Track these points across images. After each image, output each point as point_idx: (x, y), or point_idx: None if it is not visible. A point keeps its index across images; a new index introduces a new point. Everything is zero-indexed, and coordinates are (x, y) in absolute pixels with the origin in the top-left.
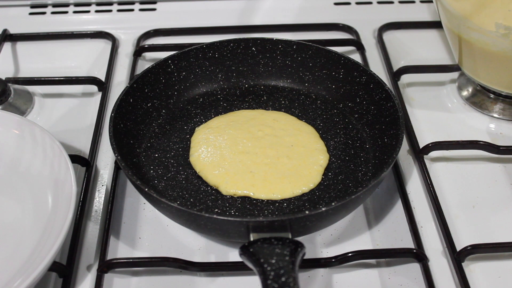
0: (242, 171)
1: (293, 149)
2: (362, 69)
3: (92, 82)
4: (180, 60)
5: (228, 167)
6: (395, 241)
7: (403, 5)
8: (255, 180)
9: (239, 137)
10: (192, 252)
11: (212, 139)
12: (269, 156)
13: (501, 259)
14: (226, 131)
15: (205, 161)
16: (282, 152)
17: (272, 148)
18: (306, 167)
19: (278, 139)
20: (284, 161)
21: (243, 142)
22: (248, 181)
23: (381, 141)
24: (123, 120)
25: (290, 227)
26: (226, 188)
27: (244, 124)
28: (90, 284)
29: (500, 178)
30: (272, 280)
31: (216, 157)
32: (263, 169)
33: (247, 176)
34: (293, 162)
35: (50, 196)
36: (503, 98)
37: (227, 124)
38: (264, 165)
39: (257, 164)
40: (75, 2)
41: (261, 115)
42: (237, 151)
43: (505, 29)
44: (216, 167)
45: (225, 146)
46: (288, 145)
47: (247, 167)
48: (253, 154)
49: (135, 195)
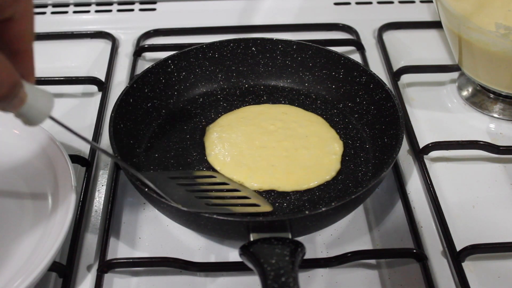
0: (263, 165)
1: (308, 140)
2: (362, 69)
3: (92, 82)
4: (180, 60)
5: (249, 163)
6: (395, 241)
7: (403, 5)
8: (278, 174)
9: (253, 133)
10: (192, 252)
11: (226, 136)
12: (287, 149)
13: (501, 259)
14: (239, 127)
15: (225, 158)
16: (298, 143)
17: (288, 141)
18: (325, 156)
19: (292, 131)
20: (303, 152)
21: (258, 137)
22: (272, 175)
23: (381, 141)
24: (123, 120)
25: (290, 227)
26: (251, 182)
27: (254, 119)
28: (90, 284)
29: (500, 178)
30: (272, 280)
31: (235, 153)
32: (284, 162)
33: (269, 170)
34: (311, 152)
35: (50, 196)
36: (503, 98)
37: (237, 121)
38: (284, 157)
39: (276, 157)
40: (75, 2)
41: (268, 109)
42: (255, 146)
43: (505, 29)
44: (237, 163)
45: (241, 142)
46: (302, 136)
47: (268, 161)
48: (270, 148)
49: (135, 195)
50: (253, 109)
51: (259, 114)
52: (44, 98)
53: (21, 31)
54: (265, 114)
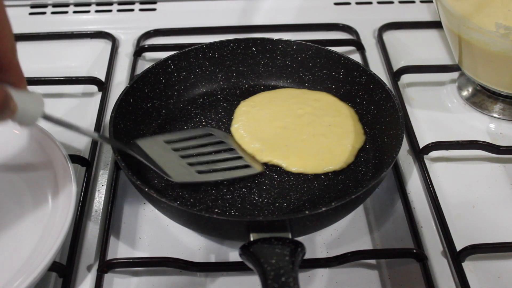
0: (278, 143)
1: (330, 129)
2: (362, 69)
3: (92, 82)
4: (180, 60)
5: (265, 139)
6: (395, 241)
7: (403, 5)
8: (289, 154)
9: (280, 113)
10: (192, 252)
11: (254, 112)
12: (305, 133)
13: (501, 259)
14: (269, 106)
15: (245, 131)
16: (319, 130)
17: (310, 126)
18: (340, 147)
19: (317, 118)
20: (320, 139)
21: (282, 118)
22: (283, 153)
23: (381, 141)
24: (123, 120)
25: (290, 227)
26: (261, 156)
27: (286, 101)
28: (90, 284)
29: (500, 178)
30: (272, 280)
31: (256, 128)
32: (299, 145)
33: (282, 149)
34: (328, 141)
35: (50, 196)
36: (503, 98)
37: (270, 99)
38: (300, 141)
39: (293, 139)
40: (75, 2)
41: (303, 94)
42: (276, 125)
43: (505, 29)
44: (255, 137)
45: (265, 119)
46: (326, 125)
47: (283, 140)
48: (291, 129)
49: (135, 195)
50: (289, 91)
51: (293, 97)
52: (34, 101)
53: (3, 48)
54: (299, 97)
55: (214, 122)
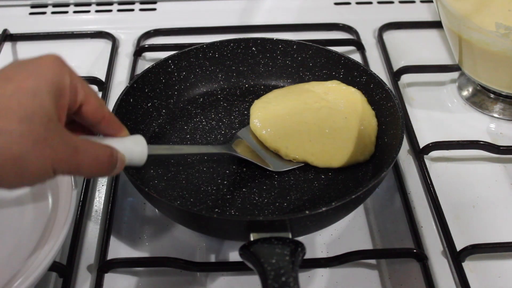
0: (301, 139)
1: (347, 122)
2: (362, 69)
3: (92, 82)
4: (180, 60)
5: (288, 134)
6: (395, 241)
7: (403, 5)
8: (314, 149)
9: (298, 108)
10: (192, 252)
11: (271, 108)
12: (327, 127)
13: (501, 259)
14: (285, 101)
15: (266, 127)
16: (338, 124)
17: (329, 120)
18: (361, 139)
19: (333, 111)
20: (341, 133)
21: (301, 112)
22: (308, 149)
23: (381, 141)
24: (123, 120)
25: (290, 227)
26: (286, 152)
27: (300, 95)
28: (90, 284)
29: (500, 178)
30: (272, 280)
31: (277, 124)
32: (322, 140)
33: (307, 144)
34: (349, 134)
35: (50, 196)
36: (503, 98)
37: (284, 95)
38: (323, 135)
39: (315, 133)
40: (75, 2)
41: (313, 87)
42: (296, 120)
43: (505, 29)
44: (277, 133)
45: (284, 115)
46: (342, 117)
47: (307, 135)
48: (311, 124)
49: (135, 195)
50: (300, 86)
51: (305, 91)
52: (138, 143)
53: (94, 106)
54: (310, 92)
55: (214, 122)
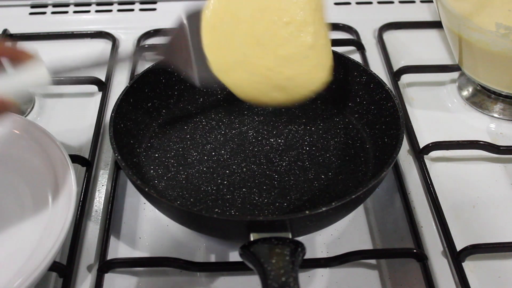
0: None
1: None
2: (362, 69)
3: (92, 82)
4: None
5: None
6: (395, 241)
7: (403, 5)
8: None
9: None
10: (192, 252)
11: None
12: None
13: (501, 259)
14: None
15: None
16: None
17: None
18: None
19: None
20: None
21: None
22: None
23: (381, 141)
24: (123, 120)
25: (290, 227)
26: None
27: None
28: (90, 284)
29: (500, 178)
30: (272, 280)
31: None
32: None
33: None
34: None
35: (50, 196)
36: (503, 98)
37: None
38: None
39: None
40: (75, 2)
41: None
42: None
43: (505, 29)
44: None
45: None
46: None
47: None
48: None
49: (135, 195)
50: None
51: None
52: (34, 72)
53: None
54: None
55: (214, 122)
